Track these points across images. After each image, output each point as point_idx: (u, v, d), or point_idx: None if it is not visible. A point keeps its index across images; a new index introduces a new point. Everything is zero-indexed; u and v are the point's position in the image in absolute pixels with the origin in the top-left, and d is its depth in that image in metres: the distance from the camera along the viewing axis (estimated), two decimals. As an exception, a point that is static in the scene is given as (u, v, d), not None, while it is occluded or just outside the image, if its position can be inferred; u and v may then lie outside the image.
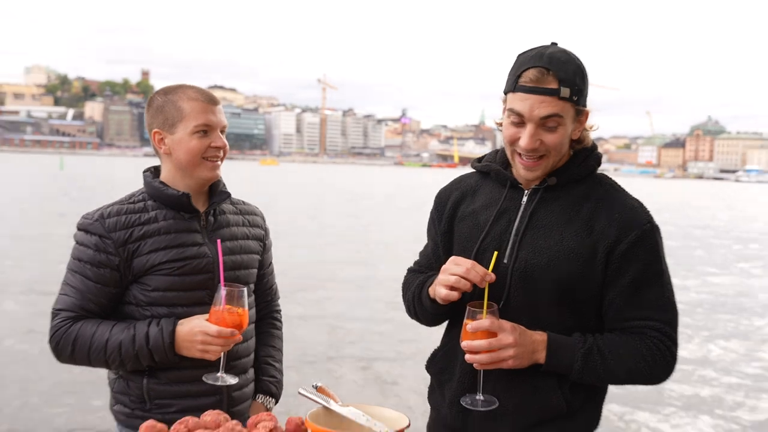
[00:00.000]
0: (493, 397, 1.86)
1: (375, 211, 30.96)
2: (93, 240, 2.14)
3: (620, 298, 1.89)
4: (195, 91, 2.21)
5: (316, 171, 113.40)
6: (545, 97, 1.80)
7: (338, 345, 8.67)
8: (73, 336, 2.11)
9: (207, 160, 2.20)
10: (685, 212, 38.43)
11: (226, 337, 2.03)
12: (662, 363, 1.89)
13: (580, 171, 1.96)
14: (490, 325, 1.77)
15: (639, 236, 1.87)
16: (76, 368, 2.36)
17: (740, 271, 16.85)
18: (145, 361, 2.11)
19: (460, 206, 2.08)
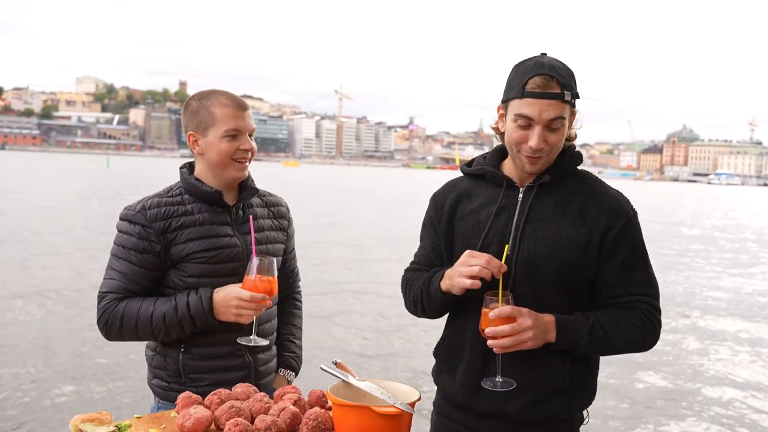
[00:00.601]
0: (511, 379, 1.86)
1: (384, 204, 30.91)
2: (136, 229, 2.13)
3: (613, 277, 1.91)
4: (226, 98, 2.18)
5: (334, 171, 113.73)
6: (552, 101, 1.82)
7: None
8: (120, 313, 2.10)
9: (236, 161, 2.18)
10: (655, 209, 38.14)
11: (258, 302, 2.04)
12: (652, 331, 1.93)
13: (567, 167, 1.98)
14: (511, 311, 1.76)
15: (626, 222, 1.92)
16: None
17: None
18: (188, 328, 2.10)
19: (458, 207, 2.06)
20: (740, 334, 9.33)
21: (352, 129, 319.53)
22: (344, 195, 39.14)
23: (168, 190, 2.26)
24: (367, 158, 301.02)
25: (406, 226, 21.21)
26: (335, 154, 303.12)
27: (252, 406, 1.82)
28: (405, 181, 79.92)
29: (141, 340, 2.19)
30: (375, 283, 11.77)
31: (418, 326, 8.41)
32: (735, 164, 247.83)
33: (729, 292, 12.71)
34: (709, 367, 7.69)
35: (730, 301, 11.87)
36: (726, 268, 16.05)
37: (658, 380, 7.06)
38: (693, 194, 77.98)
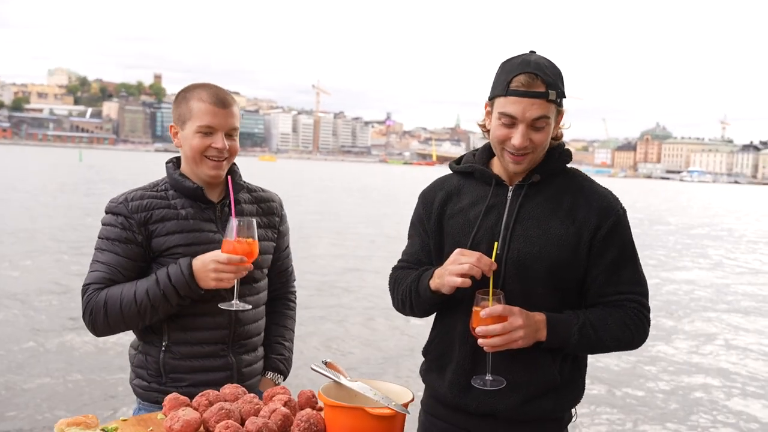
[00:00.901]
0: (501, 378, 1.85)
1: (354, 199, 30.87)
2: (119, 220, 2.11)
3: (602, 276, 1.90)
4: (208, 93, 2.12)
5: (311, 167, 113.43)
6: (536, 100, 1.80)
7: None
8: (103, 300, 2.05)
9: (208, 158, 2.12)
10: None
11: (237, 264, 1.98)
12: (641, 330, 1.92)
13: (556, 166, 1.97)
14: (502, 310, 1.75)
15: (616, 221, 1.91)
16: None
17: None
18: (174, 300, 2.04)
19: (447, 205, 2.04)
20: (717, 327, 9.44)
21: (329, 124, 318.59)
22: (328, 191, 38.99)
23: (154, 185, 2.22)
24: (344, 153, 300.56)
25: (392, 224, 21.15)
26: (312, 149, 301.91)
27: (242, 407, 1.78)
28: (384, 176, 79.89)
29: (129, 328, 2.13)
30: (364, 279, 11.70)
31: (407, 324, 8.36)
32: (707, 162, 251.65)
33: (708, 288, 12.87)
34: (691, 361, 7.76)
35: (711, 297, 12.01)
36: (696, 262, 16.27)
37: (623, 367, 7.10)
38: (666, 191, 79.07)
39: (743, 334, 9.27)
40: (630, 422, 5.81)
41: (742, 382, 7.06)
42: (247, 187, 2.32)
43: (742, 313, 10.69)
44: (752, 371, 7.51)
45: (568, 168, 2.01)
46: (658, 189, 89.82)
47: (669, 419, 5.92)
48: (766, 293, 12.73)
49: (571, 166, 2.03)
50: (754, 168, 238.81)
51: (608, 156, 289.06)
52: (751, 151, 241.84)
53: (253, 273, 2.19)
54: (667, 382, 6.98)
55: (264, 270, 2.30)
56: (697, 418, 5.97)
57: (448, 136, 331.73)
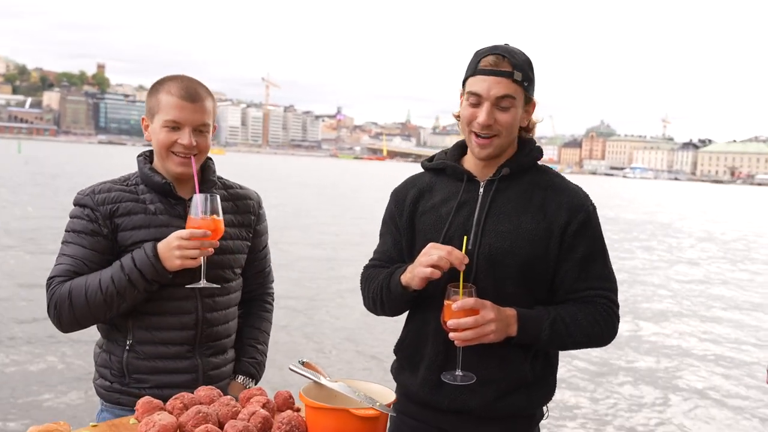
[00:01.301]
0: (471, 373, 1.84)
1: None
2: (86, 212, 2.05)
3: (572, 272, 1.91)
4: (177, 86, 2.04)
5: (260, 160, 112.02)
6: (501, 79, 1.83)
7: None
8: (67, 291, 1.97)
9: (174, 154, 2.05)
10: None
11: (200, 238, 1.92)
12: (611, 326, 1.93)
13: (527, 161, 1.98)
14: (474, 303, 1.74)
15: (586, 217, 1.92)
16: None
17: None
18: (140, 285, 1.96)
19: (419, 202, 2.04)
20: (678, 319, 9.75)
21: (278, 118, 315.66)
22: (284, 185, 38.62)
23: (125, 179, 2.15)
24: (294, 147, 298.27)
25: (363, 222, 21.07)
26: (261, 142, 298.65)
27: (219, 410, 1.71)
28: (336, 171, 79.59)
29: (96, 320, 2.05)
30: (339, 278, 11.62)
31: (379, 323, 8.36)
32: (648, 159, 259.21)
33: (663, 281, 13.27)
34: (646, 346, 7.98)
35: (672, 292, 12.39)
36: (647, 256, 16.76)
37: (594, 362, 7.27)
38: (610, 187, 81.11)
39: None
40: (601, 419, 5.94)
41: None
42: (223, 184, 2.24)
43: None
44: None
45: (539, 165, 2.03)
46: (605, 185, 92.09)
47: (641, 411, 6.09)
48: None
49: (541, 164, 2.04)
50: (693, 165, 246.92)
51: (555, 152, 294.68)
52: (691, 149, 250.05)
53: (224, 273, 2.13)
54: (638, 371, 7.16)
55: (236, 270, 2.22)
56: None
57: (399, 131, 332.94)
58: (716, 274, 14.97)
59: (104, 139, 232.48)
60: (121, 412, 2.06)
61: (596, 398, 6.39)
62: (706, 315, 10.52)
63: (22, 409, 5.22)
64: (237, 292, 2.25)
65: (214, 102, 2.13)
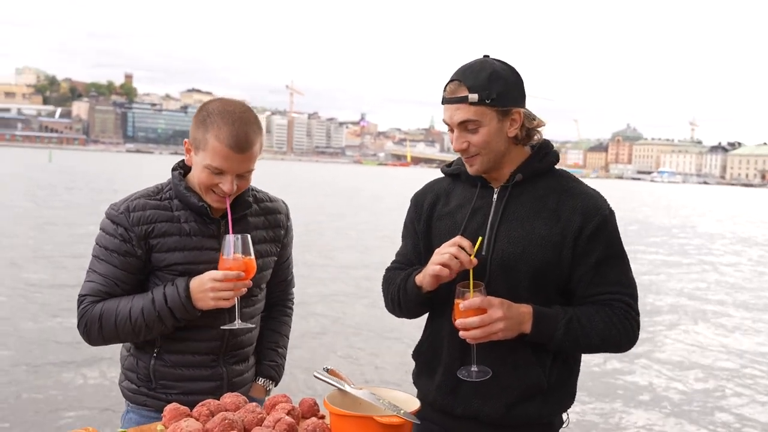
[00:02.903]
0: (487, 368, 1.84)
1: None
2: (119, 231, 2.03)
3: (587, 276, 1.89)
4: (228, 133, 1.94)
5: (285, 167, 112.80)
6: (459, 105, 1.87)
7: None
8: (98, 314, 2.00)
9: (214, 193, 2.04)
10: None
11: (233, 280, 1.93)
12: (630, 332, 1.90)
13: (541, 166, 1.97)
14: (480, 302, 1.76)
15: (601, 221, 1.90)
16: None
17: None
18: (169, 321, 1.99)
19: (436, 207, 2.06)
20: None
21: (303, 125, 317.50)
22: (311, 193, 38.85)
23: (158, 191, 2.12)
24: (318, 154, 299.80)
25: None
26: (286, 149, 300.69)
27: (244, 417, 1.72)
28: (361, 177, 79.83)
29: (124, 342, 2.10)
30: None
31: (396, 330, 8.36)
32: (676, 163, 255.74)
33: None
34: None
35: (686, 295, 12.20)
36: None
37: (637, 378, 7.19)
38: (639, 192, 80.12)
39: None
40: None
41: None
42: (255, 197, 2.22)
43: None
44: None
45: (556, 169, 2.02)
46: (633, 189, 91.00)
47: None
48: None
49: (559, 168, 2.03)
50: (722, 169, 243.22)
51: (580, 157, 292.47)
52: (720, 152, 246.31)
53: (251, 290, 2.13)
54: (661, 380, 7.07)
55: (262, 286, 2.25)
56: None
57: (423, 137, 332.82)
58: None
59: (132, 148, 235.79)
60: (148, 413, 2.10)
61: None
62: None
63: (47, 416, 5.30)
64: (261, 302, 2.28)
65: (262, 138, 2.06)
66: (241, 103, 2.06)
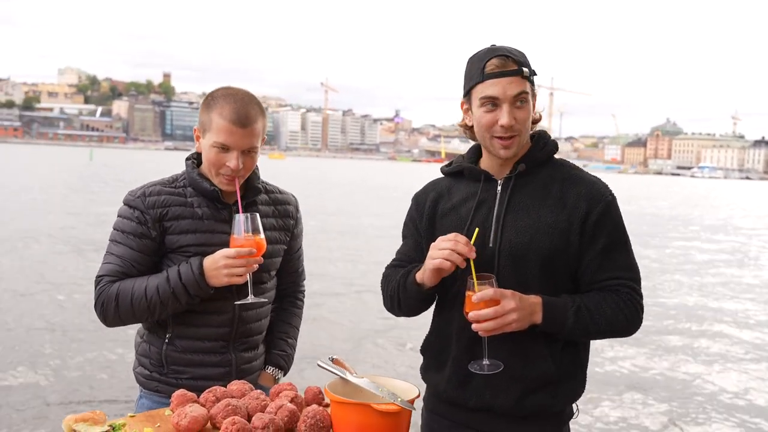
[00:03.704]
0: (498, 362, 1.85)
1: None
2: (136, 214, 2.13)
3: (594, 262, 1.91)
4: (230, 109, 2.07)
5: (319, 164, 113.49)
6: (513, 78, 1.87)
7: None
8: (114, 293, 2.09)
9: (221, 174, 2.13)
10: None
11: (246, 257, 2.01)
12: (636, 316, 1.93)
13: (542, 155, 1.99)
14: (493, 293, 1.76)
15: (605, 207, 1.92)
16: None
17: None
18: (183, 298, 2.07)
19: (438, 204, 2.08)
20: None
21: (337, 121, 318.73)
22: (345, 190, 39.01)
23: (173, 180, 2.23)
24: (352, 151, 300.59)
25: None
26: (321, 146, 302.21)
27: (248, 404, 1.79)
28: (393, 172, 79.79)
29: (139, 321, 2.17)
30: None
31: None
32: (718, 157, 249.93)
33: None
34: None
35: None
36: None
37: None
38: (678, 187, 78.54)
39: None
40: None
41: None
42: (265, 188, 2.32)
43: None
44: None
45: (556, 159, 2.04)
46: (670, 184, 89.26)
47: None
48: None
49: (559, 158, 2.05)
50: (766, 164, 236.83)
51: (618, 152, 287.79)
52: (763, 147, 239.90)
53: (260, 275, 2.21)
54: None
55: (272, 272, 2.32)
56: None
57: (458, 133, 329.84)
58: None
59: (170, 146, 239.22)
60: (160, 398, 2.18)
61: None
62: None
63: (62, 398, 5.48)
64: (271, 291, 2.35)
65: (264, 119, 2.16)
66: (243, 89, 2.17)
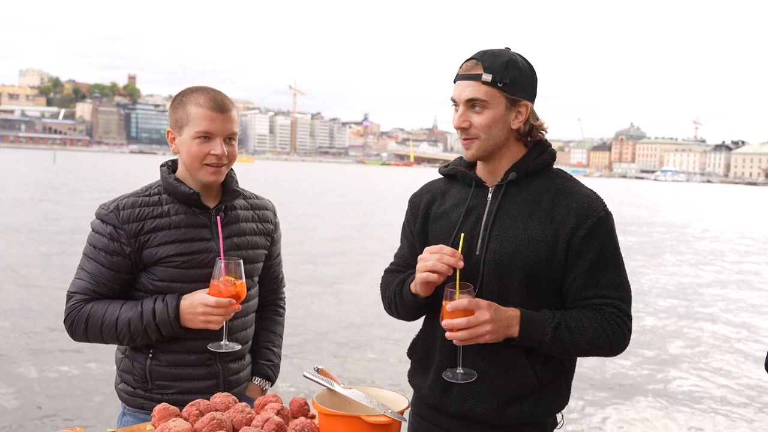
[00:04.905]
0: (473, 371, 1.83)
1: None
2: (108, 229, 2.07)
3: (580, 279, 1.87)
4: (205, 97, 2.07)
5: (288, 168, 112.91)
6: (470, 82, 1.87)
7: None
8: (85, 315, 2.05)
9: (207, 165, 2.08)
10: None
11: (225, 307, 1.96)
12: (620, 336, 1.88)
13: (536, 164, 1.95)
14: (468, 303, 1.73)
15: (595, 223, 1.87)
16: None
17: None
18: (154, 336, 2.03)
19: (431, 208, 2.06)
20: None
21: (306, 125, 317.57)
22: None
23: (147, 188, 2.17)
24: (321, 154, 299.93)
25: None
26: (289, 150, 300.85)
27: (233, 417, 1.73)
28: (361, 176, 79.79)
29: (107, 343, 2.12)
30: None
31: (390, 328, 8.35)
32: (680, 161, 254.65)
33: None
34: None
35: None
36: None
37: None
38: (642, 190, 79.92)
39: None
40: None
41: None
42: (243, 194, 2.29)
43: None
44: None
45: (554, 169, 2.00)
46: (634, 187, 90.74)
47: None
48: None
49: (557, 168, 2.02)
50: (726, 167, 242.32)
51: (584, 156, 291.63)
52: (723, 151, 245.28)
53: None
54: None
55: (255, 278, 2.28)
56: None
57: (426, 137, 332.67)
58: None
59: (135, 149, 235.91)
60: (144, 416, 2.11)
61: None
62: None
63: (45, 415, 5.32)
64: (255, 299, 2.30)
65: (237, 111, 2.16)
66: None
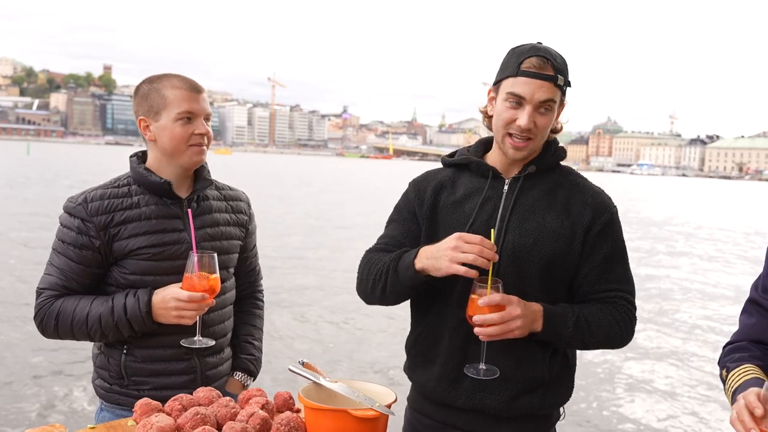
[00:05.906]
0: (494, 367, 1.82)
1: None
2: (76, 223, 2.01)
3: (594, 272, 1.91)
4: (179, 80, 2.06)
5: (267, 160, 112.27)
6: (545, 83, 1.82)
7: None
8: (55, 312, 2.00)
9: (192, 146, 2.06)
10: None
11: (198, 302, 1.93)
12: (630, 328, 1.93)
13: (552, 160, 1.98)
14: (501, 299, 1.72)
15: (609, 218, 1.93)
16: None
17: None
18: (126, 331, 1.99)
19: (440, 195, 2.01)
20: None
21: (285, 117, 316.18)
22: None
23: (115, 180, 2.12)
24: (300, 147, 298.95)
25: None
26: (268, 142, 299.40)
27: (217, 411, 1.69)
28: (341, 168, 79.65)
29: (78, 340, 2.07)
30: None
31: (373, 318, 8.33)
32: (656, 155, 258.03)
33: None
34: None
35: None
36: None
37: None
38: (619, 183, 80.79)
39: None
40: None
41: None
42: (215, 185, 2.25)
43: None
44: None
45: (562, 165, 2.03)
46: (615, 182, 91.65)
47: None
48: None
49: (565, 164, 2.04)
50: (701, 161, 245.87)
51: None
52: (698, 145, 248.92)
53: (220, 274, 2.11)
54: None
55: (230, 269, 2.23)
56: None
57: (405, 130, 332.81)
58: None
59: (111, 140, 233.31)
60: (121, 411, 2.07)
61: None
62: None
63: (19, 412, 5.24)
64: (232, 291, 2.26)
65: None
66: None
